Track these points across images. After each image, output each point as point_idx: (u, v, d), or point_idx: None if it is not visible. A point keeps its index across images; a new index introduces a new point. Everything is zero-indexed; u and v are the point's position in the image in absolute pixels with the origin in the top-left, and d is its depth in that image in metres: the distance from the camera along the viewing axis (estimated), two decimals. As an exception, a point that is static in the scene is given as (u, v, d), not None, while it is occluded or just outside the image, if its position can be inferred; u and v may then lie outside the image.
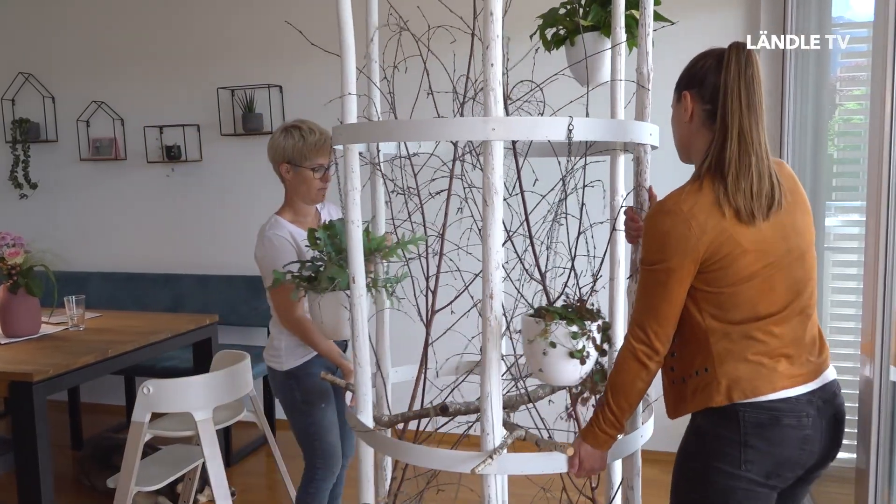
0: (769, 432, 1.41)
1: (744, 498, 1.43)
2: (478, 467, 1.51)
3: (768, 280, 1.43)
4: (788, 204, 1.45)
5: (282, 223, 2.35)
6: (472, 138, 1.61)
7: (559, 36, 2.05)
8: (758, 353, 1.43)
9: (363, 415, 1.75)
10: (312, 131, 2.33)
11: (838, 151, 2.86)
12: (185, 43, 4.10)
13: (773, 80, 3.18)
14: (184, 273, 4.22)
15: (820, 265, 2.89)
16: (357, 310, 1.71)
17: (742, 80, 1.41)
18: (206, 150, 4.14)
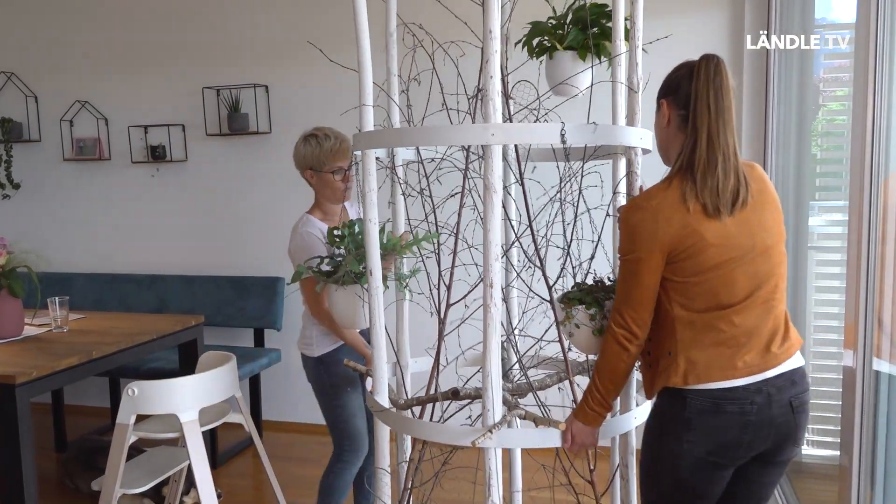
0: (710, 418, 1.54)
1: (690, 469, 1.57)
2: (477, 440, 1.69)
3: (730, 272, 1.54)
4: (756, 203, 1.57)
5: (312, 221, 2.51)
6: (474, 142, 1.79)
7: (543, 46, 2.21)
8: (716, 342, 1.55)
9: (380, 396, 1.95)
10: (328, 137, 2.48)
11: (822, 152, 2.88)
12: (170, 42, 4.08)
13: (758, 80, 3.21)
14: (169, 274, 4.20)
15: (803, 264, 2.91)
16: (374, 301, 1.90)
17: (711, 87, 1.54)
18: (191, 150, 4.12)
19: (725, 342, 1.55)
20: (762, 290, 1.57)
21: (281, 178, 3.98)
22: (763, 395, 1.54)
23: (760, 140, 3.21)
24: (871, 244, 1.71)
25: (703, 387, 1.55)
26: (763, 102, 3.20)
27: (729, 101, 1.55)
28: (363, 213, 1.91)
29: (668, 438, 1.60)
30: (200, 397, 2.29)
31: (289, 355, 4.07)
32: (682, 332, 1.57)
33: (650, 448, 1.66)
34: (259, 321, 3.97)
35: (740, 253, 1.55)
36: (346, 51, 3.93)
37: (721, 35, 3.28)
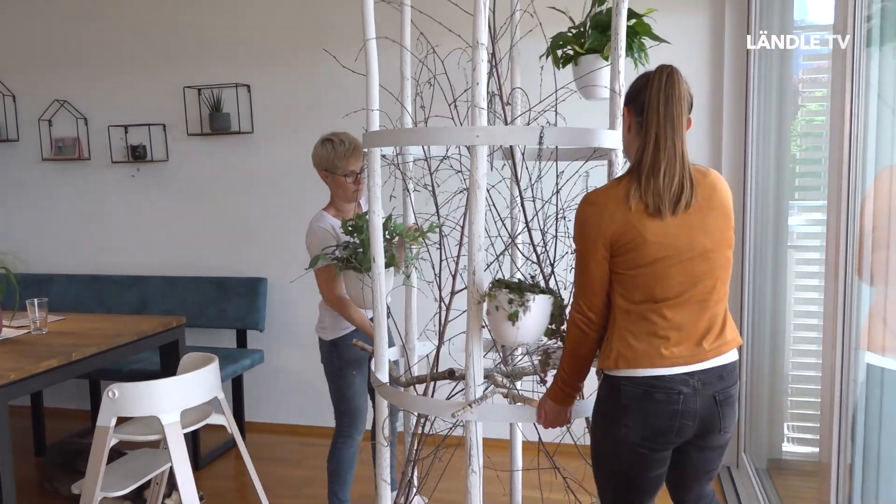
0: (643, 404, 1.67)
1: (628, 454, 1.70)
2: (457, 412, 1.88)
3: (665, 269, 1.65)
4: (701, 207, 1.67)
5: (325, 217, 2.74)
6: (461, 143, 2.01)
7: (567, 55, 2.41)
8: (647, 333, 1.67)
9: (380, 373, 2.20)
10: (342, 142, 2.69)
11: (801, 152, 2.92)
12: (151, 41, 4.05)
13: (738, 81, 3.23)
14: (150, 275, 4.16)
15: (783, 262, 2.95)
16: (377, 284, 2.15)
17: (661, 95, 1.64)
18: (172, 150, 4.09)
19: (656, 333, 1.66)
20: (697, 289, 1.66)
21: (263, 178, 3.96)
22: (689, 387, 1.66)
23: (741, 140, 3.24)
24: (848, 243, 1.73)
25: (632, 373, 1.67)
26: (743, 103, 3.23)
27: (679, 109, 1.63)
28: (369, 206, 2.15)
29: (608, 424, 1.73)
30: (182, 399, 2.28)
31: (272, 356, 4.05)
32: (621, 321, 1.70)
33: (597, 431, 1.79)
34: (241, 322, 3.94)
35: (677, 252, 1.65)
36: (331, 49, 3.91)
37: (702, 36, 3.30)
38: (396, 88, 2.40)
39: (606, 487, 1.81)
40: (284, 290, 4.00)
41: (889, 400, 1.74)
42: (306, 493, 3.34)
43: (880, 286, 1.77)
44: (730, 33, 3.22)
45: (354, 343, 2.52)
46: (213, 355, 2.48)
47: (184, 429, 2.29)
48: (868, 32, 1.71)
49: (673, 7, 3.28)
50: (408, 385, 2.27)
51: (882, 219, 1.76)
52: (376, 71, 2.16)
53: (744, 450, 3.30)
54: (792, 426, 3.01)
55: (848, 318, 1.75)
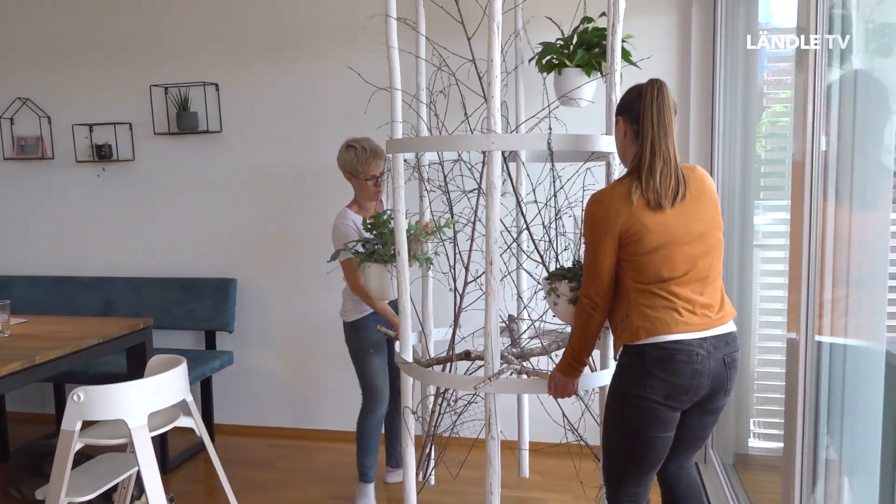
0: (666, 365, 1.89)
1: (649, 414, 1.92)
2: (479, 385, 2.23)
3: (669, 252, 1.91)
4: (693, 198, 1.94)
5: (349, 213, 3.01)
6: (478, 149, 2.30)
7: (552, 63, 2.75)
8: (662, 307, 1.91)
9: (405, 353, 2.54)
10: (364, 150, 2.96)
11: (766, 152, 2.96)
12: (117, 38, 3.98)
13: (704, 82, 3.28)
14: (116, 276, 4.10)
15: (749, 261, 2.99)
16: (401, 276, 2.47)
17: (654, 106, 1.91)
18: (138, 150, 4.03)
19: (669, 307, 1.90)
20: (698, 267, 1.92)
21: (232, 178, 3.92)
22: (705, 350, 1.90)
23: (707, 140, 3.28)
24: (812, 242, 1.76)
25: (654, 340, 1.89)
26: (709, 104, 3.28)
27: (669, 117, 1.91)
28: (393, 205, 2.45)
29: (633, 387, 1.93)
30: (149, 402, 2.25)
31: (241, 358, 4.01)
32: (636, 299, 1.93)
33: (616, 397, 1.99)
34: (210, 323, 3.90)
35: (677, 237, 1.90)
36: (301, 48, 3.89)
37: (670, 37, 3.35)
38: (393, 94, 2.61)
39: (620, 451, 2.01)
40: (254, 291, 3.97)
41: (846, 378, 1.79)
42: (277, 496, 3.31)
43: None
44: (696, 34, 3.27)
45: (378, 329, 2.79)
46: (181, 357, 2.45)
47: (151, 432, 2.26)
48: (830, 31, 1.74)
49: (641, 8, 3.32)
50: (428, 366, 2.55)
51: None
52: (399, 83, 2.46)
53: (711, 446, 3.34)
54: (758, 422, 3.06)
55: (812, 314, 1.78)
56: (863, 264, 1.72)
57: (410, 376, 2.56)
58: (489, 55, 2.13)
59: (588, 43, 2.69)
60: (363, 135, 3.14)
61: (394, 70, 2.47)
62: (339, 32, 3.68)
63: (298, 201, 3.85)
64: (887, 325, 1.67)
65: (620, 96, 2.04)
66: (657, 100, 1.90)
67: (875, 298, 1.69)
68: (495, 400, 2.28)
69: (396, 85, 2.49)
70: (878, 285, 1.68)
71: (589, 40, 2.70)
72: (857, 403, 1.76)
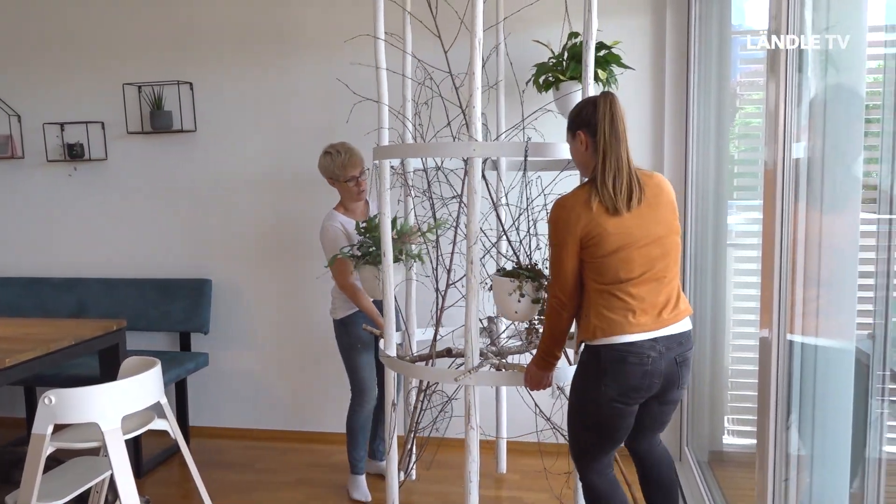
0: (619, 367, 2.04)
1: (606, 409, 2.09)
2: (460, 377, 2.41)
3: (627, 255, 2.03)
4: (650, 203, 2.07)
5: (335, 215, 3.10)
6: (460, 156, 2.56)
7: (549, 81, 3.03)
8: (618, 307, 2.05)
9: (389, 349, 2.70)
10: (339, 153, 3.05)
11: (739, 153, 3.00)
12: (88, 36, 3.93)
13: (679, 84, 3.31)
14: (89, 277, 4.04)
15: (723, 260, 3.03)
16: (386, 276, 2.63)
17: (607, 118, 2.05)
18: (111, 149, 3.98)
19: (625, 307, 2.04)
20: (654, 269, 2.05)
21: (207, 178, 3.89)
22: (656, 352, 2.04)
23: (682, 141, 3.32)
24: (783, 241, 1.79)
25: (609, 341, 2.04)
26: (684, 105, 3.31)
27: (622, 127, 2.05)
28: (379, 209, 2.62)
29: (590, 384, 2.10)
30: (122, 405, 2.22)
31: (217, 359, 3.98)
32: (595, 299, 2.08)
33: (577, 392, 2.17)
34: (185, 325, 3.86)
35: (634, 240, 2.03)
36: (275, 47, 3.86)
37: (644, 38, 3.37)
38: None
39: (583, 436, 2.20)
40: (230, 291, 3.94)
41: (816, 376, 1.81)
42: (254, 498, 3.29)
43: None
44: (671, 36, 3.30)
45: (364, 327, 2.97)
46: (155, 359, 2.43)
47: (125, 435, 2.24)
48: (801, 35, 1.77)
49: (617, 11, 3.34)
50: (411, 362, 2.67)
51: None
52: (386, 98, 2.65)
53: (686, 443, 3.38)
54: (732, 419, 3.09)
55: (783, 312, 1.81)
56: (833, 265, 1.74)
57: (394, 370, 2.69)
58: (470, 69, 2.27)
59: (579, 56, 2.84)
60: (340, 138, 3.18)
61: (381, 86, 2.63)
62: (319, 34, 3.66)
63: (274, 201, 3.83)
64: (857, 323, 1.70)
65: (574, 112, 2.15)
66: (609, 111, 2.04)
67: (844, 298, 1.73)
68: (475, 392, 2.43)
69: (384, 100, 2.64)
70: (848, 285, 1.71)
71: (579, 53, 2.84)
72: (827, 400, 1.79)
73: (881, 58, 1.73)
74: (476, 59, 2.27)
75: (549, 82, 3.03)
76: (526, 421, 3.37)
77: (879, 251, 1.73)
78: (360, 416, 3.19)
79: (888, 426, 1.72)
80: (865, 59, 1.73)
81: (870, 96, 1.72)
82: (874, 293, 1.73)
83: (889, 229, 1.69)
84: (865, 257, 1.72)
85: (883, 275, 1.72)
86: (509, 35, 3.24)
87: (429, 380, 2.74)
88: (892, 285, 1.70)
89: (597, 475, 2.25)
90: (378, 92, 2.67)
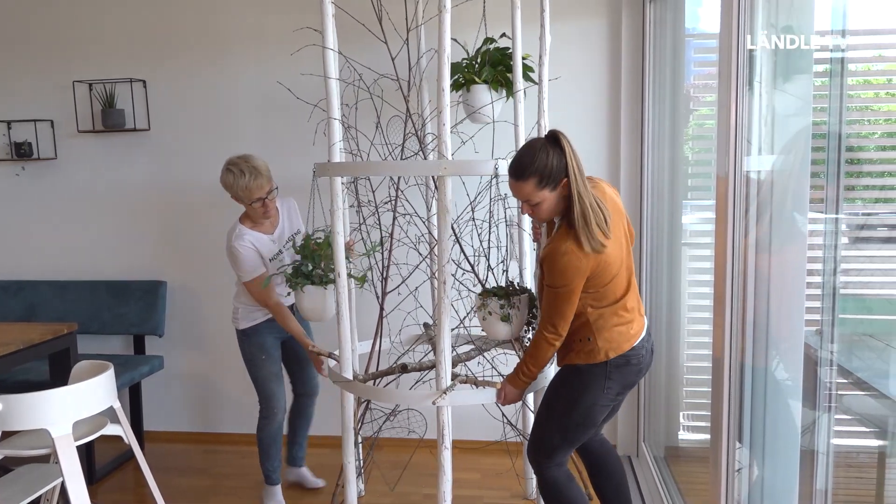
0: (623, 369, 2.20)
1: (598, 412, 2.23)
2: (436, 400, 2.40)
3: (619, 276, 2.16)
4: (614, 221, 2.13)
5: (243, 232, 2.88)
6: (430, 174, 2.53)
7: (459, 82, 2.98)
8: (618, 324, 2.18)
9: (345, 372, 2.61)
10: (243, 173, 2.78)
11: (693, 154, 3.06)
12: (37, 31, 3.82)
13: (634, 86, 3.36)
14: (38, 279, 3.93)
15: (678, 259, 3.08)
16: (342, 297, 2.55)
17: (574, 157, 2.08)
18: (61, 148, 3.88)
19: (624, 322, 2.19)
20: (631, 279, 2.23)
21: (161, 177, 3.82)
22: (646, 349, 2.24)
23: (637, 142, 3.37)
24: (735, 240, 1.83)
25: (615, 353, 2.18)
26: (639, 107, 3.36)
27: (581, 163, 2.08)
28: (332, 228, 2.52)
29: (591, 387, 2.19)
30: (74, 410, 2.17)
31: (172, 362, 3.90)
32: (595, 322, 2.17)
33: (569, 398, 2.23)
34: (139, 327, 3.78)
35: (621, 260, 2.16)
36: (230, 46, 3.80)
37: (601, 41, 3.41)
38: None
39: (557, 436, 2.27)
40: (185, 293, 3.87)
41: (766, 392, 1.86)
42: (210, 503, 3.24)
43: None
44: (626, 39, 3.34)
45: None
46: (107, 363, 2.38)
47: (77, 441, 2.19)
48: (752, 38, 1.81)
49: (573, 13, 3.38)
50: (366, 380, 2.65)
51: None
52: (337, 112, 2.53)
53: (643, 440, 3.43)
54: (687, 415, 3.15)
55: (736, 310, 1.85)
56: (783, 262, 1.79)
57: (357, 394, 2.64)
58: (439, 84, 2.25)
59: (493, 61, 2.90)
60: (291, 142, 3.11)
61: (332, 97, 2.51)
62: (272, 34, 3.62)
63: (229, 202, 3.77)
64: (806, 319, 1.75)
65: (540, 162, 2.05)
66: (574, 152, 2.08)
67: (793, 294, 1.77)
68: (448, 412, 2.44)
69: (335, 115, 2.53)
70: (796, 282, 1.76)
71: (493, 58, 2.92)
72: (778, 394, 1.84)
73: (828, 62, 1.78)
74: (445, 75, 2.25)
75: (459, 83, 2.98)
76: (486, 420, 3.39)
77: (827, 249, 1.78)
78: (269, 428, 3.06)
79: (835, 419, 1.77)
80: (813, 63, 1.78)
81: (817, 99, 1.78)
82: (822, 290, 1.78)
83: (835, 228, 1.74)
84: (814, 256, 1.77)
85: (830, 273, 1.77)
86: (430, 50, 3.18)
87: (404, 404, 2.72)
88: (839, 283, 1.76)
89: (556, 468, 2.32)
90: (328, 104, 2.55)
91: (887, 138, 1.85)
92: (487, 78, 2.88)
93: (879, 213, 1.83)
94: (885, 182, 1.86)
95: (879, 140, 1.86)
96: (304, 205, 2.77)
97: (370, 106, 3.06)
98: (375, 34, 2.83)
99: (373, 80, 3.01)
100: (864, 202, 1.84)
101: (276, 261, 2.89)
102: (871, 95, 1.89)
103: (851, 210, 1.78)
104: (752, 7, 1.77)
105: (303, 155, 3.40)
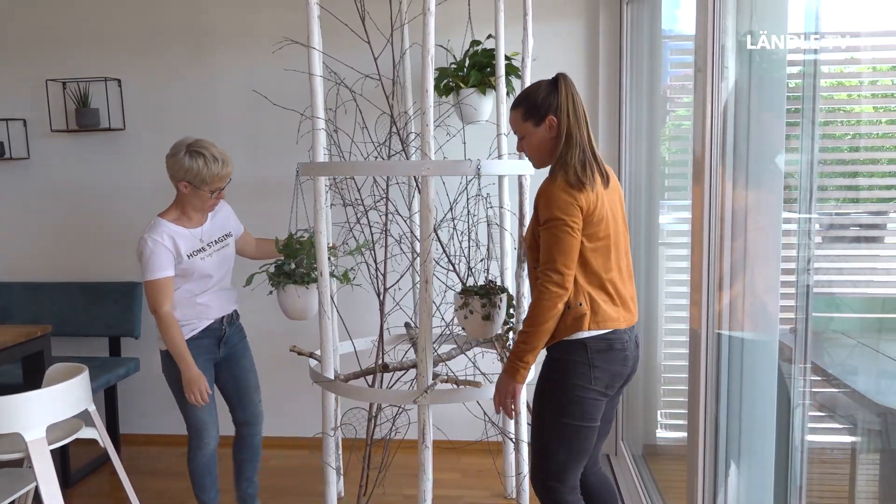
0: (607, 355, 2.03)
1: (590, 405, 2.04)
2: (418, 398, 2.38)
3: (614, 246, 2.04)
4: (613, 190, 2.09)
5: (162, 226, 2.60)
6: (413, 174, 2.54)
7: (448, 86, 3.05)
8: (606, 300, 2.04)
9: (327, 372, 2.59)
10: (216, 160, 2.56)
11: (670, 154, 3.08)
12: (9, 28, 3.76)
13: (612, 86, 3.38)
14: (11, 281, 3.87)
15: (654, 259, 3.11)
16: (324, 296, 2.53)
17: (569, 99, 2.04)
18: (34, 148, 3.82)
19: (611, 300, 2.05)
20: (625, 262, 2.11)
21: (137, 177, 3.77)
22: (631, 339, 2.10)
23: (615, 142, 3.39)
24: (711, 240, 1.85)
25: (598, 333, 2.02)
26: (617, 107, 3.38)
27: (582, 107, 2.06)
28: (315, 228, 2.49)
29: (576, 380, 2.02)
30: (48, 413, 2.14)
31: (148, 364, 3.86)
32: (584, 289, 2.01)
33: (556, 393, 2.05)
34: (114, 329, 3.74)
35: (615, 229, 2.04)
36: (207, 44, 3.78)
37: (578, 42, 3.43)
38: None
39: (560, 448, 2.06)
40: (162, 294, 3.82)
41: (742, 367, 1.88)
42: (188, 506, 3.21)
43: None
44: (604, 40, 3.36)
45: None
46: (82, 365, 2.35)
47: (51, 445, 2.16)
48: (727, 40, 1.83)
49: (552, 14, 3.39)
50: (347, 380, 2.61)
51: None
52: (321, 112, 2.49)
53: (622, 438, 3.46)
54: (665, 413, 3.18)
55: (712, 309, 1.86)
56: (758, 263, 1.81)
57: (338, 394, 2.61)
58: (423, 85, 2.24)
59: (480, 64, 2.93)
60: (269, 143, 3.08)
61: (316, 96, 2.47)
62: (252, 32, 3.60)
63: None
64: (780, 318, 1.77)
65: (531, 96, 2.06)
66: (570, 92, 2.04)
67: (768, 294, 1.79)
68: (430, 411, 2.43)
69: (319, 114, 2.48)
70: (771, 282, 1.78)
71: (480, 62, 2.94)
72: (754, 392, 1.86)
73: (801, 63, 1.81)
74: (429, 77, 2.25)
75: (448, 87, 3.03)
76: (467, 419, 3.39)
77: (801, 249, 1.80)
78: (201, 458, 2.76)
79: (809, 416, 1.80)
80: (786, 65, 1.80)
81: (790, 100, 1.80)
82: (795, 289, 1.80)
83: (808, 227, 1.77)
84: (787, 255, 1.79)
85: (804, 272, 1.79)
86: (412, 45, 3.18)
87: (386, 402, 2.62)
88: (812, 281, 1.78)
89: (570, 493, 2.12)
90: (312, 104, 2.49)
91: (859, 139, 1.89)
92: (475, 82, 2.91)
93: (851, 213, 1.86)
94: (857, 182, 1.90)
95: (852, 141, 1.89)
96: (287, 204, 2.73)
97: (353, 106, 3.04)
98: (358, 34, 2.81)
99: (355, 80, 3.00)
100: (836, 202, 1.87)
101: (205, 255, 2.66)
102: (844, 97, 1.92)
103: (823, 210, 1.81)
104: (725, 9, 1.79)
105: (283, 155, 3.39)
